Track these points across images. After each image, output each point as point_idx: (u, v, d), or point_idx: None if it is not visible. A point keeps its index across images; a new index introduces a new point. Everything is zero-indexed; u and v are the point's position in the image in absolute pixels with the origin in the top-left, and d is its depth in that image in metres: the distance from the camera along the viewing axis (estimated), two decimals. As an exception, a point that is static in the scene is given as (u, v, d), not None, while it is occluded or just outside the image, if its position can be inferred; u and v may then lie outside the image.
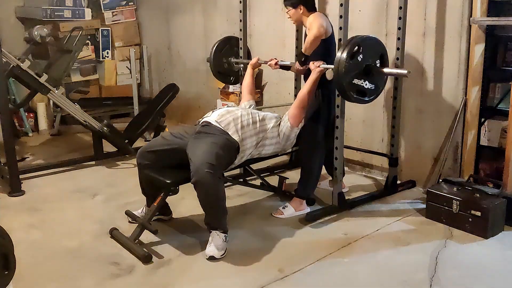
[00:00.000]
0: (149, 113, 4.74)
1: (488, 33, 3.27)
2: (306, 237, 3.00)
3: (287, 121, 3.10)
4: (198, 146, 2.81)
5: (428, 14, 3.50)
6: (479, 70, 3.32)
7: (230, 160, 2.94)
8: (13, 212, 3.48)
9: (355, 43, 2.80)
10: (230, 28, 4.81)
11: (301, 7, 3.27)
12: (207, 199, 2.74)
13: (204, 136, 2.91)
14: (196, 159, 2.72)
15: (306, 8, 3.28)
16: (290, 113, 3.12)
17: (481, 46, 3.28)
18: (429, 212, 3.20)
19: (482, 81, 3.35)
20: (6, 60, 3.91)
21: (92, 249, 2.89)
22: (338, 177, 3.25)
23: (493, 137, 3.40)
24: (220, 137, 2.89)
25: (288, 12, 3.38)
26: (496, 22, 3.21)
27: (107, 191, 3.84)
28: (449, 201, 3.07)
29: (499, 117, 3.35)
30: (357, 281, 2.52)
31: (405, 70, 2.83)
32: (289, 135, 3.13)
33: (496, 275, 2.54)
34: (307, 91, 3.09)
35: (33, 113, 5.70)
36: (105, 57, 6.06)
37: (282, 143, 3.17)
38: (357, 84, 2.83)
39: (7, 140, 3.69)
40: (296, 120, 3.11)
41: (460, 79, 3.42)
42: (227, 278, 2.56)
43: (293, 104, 3.15)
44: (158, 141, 3.06)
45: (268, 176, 3.86)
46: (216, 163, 2.70)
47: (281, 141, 3.15)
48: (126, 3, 6.12)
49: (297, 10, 3.29)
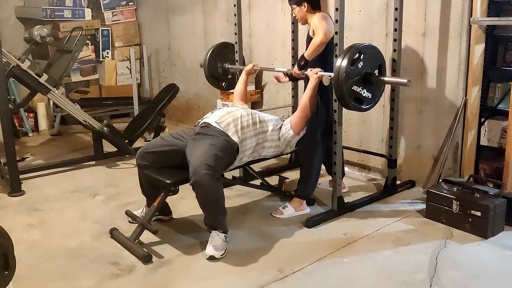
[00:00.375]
0: (149, 113, 4.74)
1: (488, 33, 3.27)
2: (306, 237, 3.00)
3: (290, 129, 3.10)
4: (196, 148, 2.81)
5: (428, 14, 3.50)
6: (479, 70, 3.32)
7: (230, 161, 2.93)
8: (13, 212, 3.48)
9: (356, 50, 2.81)
10: (230, 28, 4.80)
11: (305, 4, 3.26)
12: (206, 200, 2.74)
13: (203, 137, 2.91)
14: (194, 160, 2.72)
15: (310, 6, 3.27)
16: (292, 121, 3.12)
17: (481, 46, 3.28)
18: (429, 212, 3.20)
19: (482, 81, 3.35)
20: (6, 60, 3.91)
21: (92, 249, 2.89)
22: (337, 181, 3.24)
23: (493, 137, 3.40)
24: (219, 139, 2.88)
25: (293, 11, 3.38)
26: (496, 22, 3.21)
27: (107, 191, 3.84)
28: (449, 201, 3.07)
29: (499, 117, 3.35)
30: (357, 281, 2.52)
31: (405, 79, 2.83)
32: (290, 140, 3.14)
33: (496, 275, 2.54)
34: (308, 99, 3.09)
35: (33, 113, 5.71)
36: (105, 57, 6.07)
37: (282, 148, 3.18)
38: (356, 91, 2.84)
39: (7, 140, 3.70)
40: (299, 128, 3.12)
41: (460, 79, 3.42)
42: (227, 278, 2.56)
43: (296, 113, 3.15)
44: (157, 142, 3.06)
45: (268, 176, 3.85)
46: (214, 164, 2.70)
47: (281, 145, 3.16)
48: (126, 3, 6.12)
49: (301, 8, 3.28)
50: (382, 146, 3.94)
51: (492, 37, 3.29)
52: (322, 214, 3.23)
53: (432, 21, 3.49)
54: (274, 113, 4.77)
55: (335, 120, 3.12)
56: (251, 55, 4.94)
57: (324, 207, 3.41)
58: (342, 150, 3.50)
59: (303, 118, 3.11)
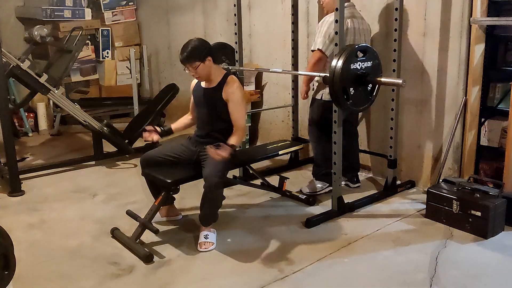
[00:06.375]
0: (149, 113, 4.74)
1: (488, 33, 3.27)
2: (306, 237, 3.00)
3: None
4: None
5: (428, 14, 3.50)
6: (479, 70, 3.32)
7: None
8: (13, 212, 3.48)
9: (352, 51, 2.81)
10: (230, 28, 4.80)
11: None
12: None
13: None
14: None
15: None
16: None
17: (481, 46, 3.28)
18: (429, 212, 3.20)
19: (482, 81, 3.35)
20: (6, 60, 3.91)
21: (92, 249, 2.89)
22: (337, 181, 3.24)
23: (493, 137, 3.40)
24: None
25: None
26: (496, 22, 3.21)
27: (107, 191, 3.84)
28: (449, 201, 3.07)
29: (499, 117, 3.35)
30: (357, 281, 2.52)
31: (400, 80, 2.84)
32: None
33: (496, 275, 2.54)
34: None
35: (33, 113, 5.71)
36: (105, 57, 6.06)
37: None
38: (351, 91, 2.84)
39: (7, 140, 3.69)
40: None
41: (460, 79, 3.42)
42: (227, 278, 2.56)
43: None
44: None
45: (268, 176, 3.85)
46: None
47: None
48: (126, 3, 6.12)
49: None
50: (382, 146, 3.94)
51: (492, 37, 3.29)
52: (322, 214, 3.23)
53: (432, 21, 3.49)
54: (274, 113, 4.81)
55: (334, 120, 3.12)
56: (251, 55, 4.94)
57: (324, 207, 3.41)
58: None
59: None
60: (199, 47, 2.89)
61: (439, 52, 3.49)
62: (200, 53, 2.88)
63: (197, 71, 2.91)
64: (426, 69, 3.58)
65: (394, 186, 3.64)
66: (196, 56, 2.87)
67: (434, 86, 3.56)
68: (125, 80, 6.12)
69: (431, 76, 3.57)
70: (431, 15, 3.48)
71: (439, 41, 3.47)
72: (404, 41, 3.48)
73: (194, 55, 2.87)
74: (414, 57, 3.62)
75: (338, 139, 3.15)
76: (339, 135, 3.15)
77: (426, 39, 3.54)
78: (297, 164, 4.27)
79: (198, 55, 2.87)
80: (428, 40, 3.54)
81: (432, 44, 3.51)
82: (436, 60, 3.51)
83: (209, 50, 2.92)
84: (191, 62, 2.88)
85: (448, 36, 3.43)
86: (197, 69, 2.90)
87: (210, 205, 2.88)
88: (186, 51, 2.88)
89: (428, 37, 3.53)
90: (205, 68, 2.92)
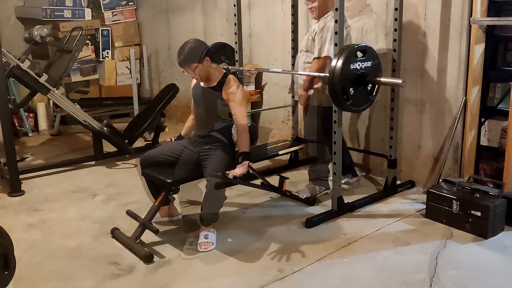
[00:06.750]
0: (149, 113, 4.74)
1: (488, 33, 3.27)
2: (306, 237, 3.00)
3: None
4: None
5: (428, 14, 3.50)
6: (479, 70, 3.32)
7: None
8: (13, 212, 3.48)
9: (352, 50, 2.81)
10: (230, 28, 4.80)
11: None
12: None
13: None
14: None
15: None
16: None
17: (481, 46, 3.28)
18: (429, 212, 3.20)
19: (482, 81, 3.35)
20: (6, 60, 3.91)
21: (92, 249, 2.89)
22: (337, 181, 3.24)
23: (493, 137, 3.39)
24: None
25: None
26: (496, 22, 3.21)
27: (107, 191, 3.84)
28: (449, 201, 3.07)
29: (499, 117, 3.35)
30: (357, 281, 2.52)
31: (400, 80, 2.83)
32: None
33: (496, 275, 2.54)
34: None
35: (33, 113, 5.70)
36: (105, 57, 6.06)
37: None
38: (351, 91, 2.84)
39: (7, 140, 3.69)
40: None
41: (460, 79, 3.42)
42: (227, 278, 2.56)
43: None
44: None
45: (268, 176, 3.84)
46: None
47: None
48: (126, 3, 6.12)
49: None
50: (382, 146, 3.94)
51: (492, 37, 3.29)
52: (322, 214, 3.23)
53: (432, 21, 3.49)
54: (274, 113, 4.81)
55: (334, 120, 3.12)
56: (251, 55, 4.94)
57: (324, 207, 3.41)
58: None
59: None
60: (195, 48, 2.89)
61: (439, 52, 3.49)
62: (197, 54, 2.88)
63: (195, 72, 2.91)
64: (426, 69, 3.58)
65: (394, 186, 3.64)
66: (193, 57, 2.87)
67: (434, 86, 3.56)
68: (125, 80, 6.12)
69: (431, 76, 3.57)
70: (431, 15, 3.48)
71: (439, 41, 3.47)
72: (404, 41, 3.48)
73: (191, 57, 2.87)
74: (414, 57, 3.62)
75: (338, 139, 3.15)
76: (339, 135, 3.15)
77: (426, 39, 3.54)
78: (297, 164, 4.27)
79: (195, 56, 2.87)
80: (428, 40, 3.54)
81: (432, 44, 3.51)
82: (436, 60, 3.51)
83: (206, 51, 2.92)
84: (189, 64, 2.88)
85: (448, 36, 3.43)
86: (195, 70, 2.90)
87: (212, 205, 2.88)
88: (183, 53, 2.88)
89: (428, 37, 3.53)
90: (203, 69, 2.92)
